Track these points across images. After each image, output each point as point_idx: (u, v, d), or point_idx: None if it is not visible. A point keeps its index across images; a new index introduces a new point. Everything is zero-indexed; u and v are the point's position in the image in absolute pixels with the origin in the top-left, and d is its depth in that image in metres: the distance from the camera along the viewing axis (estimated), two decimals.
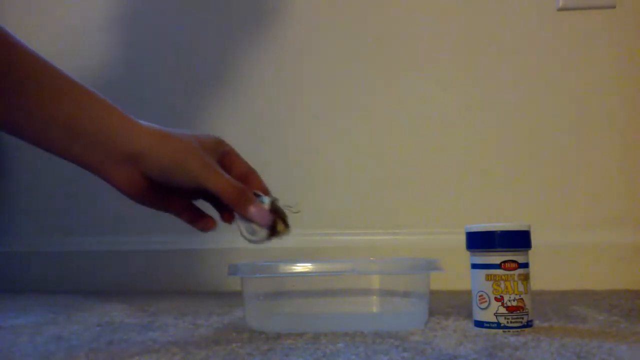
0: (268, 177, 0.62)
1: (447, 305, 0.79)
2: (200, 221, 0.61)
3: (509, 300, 0.56)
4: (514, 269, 0.57)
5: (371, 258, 1.00)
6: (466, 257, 0.61)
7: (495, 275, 0.57)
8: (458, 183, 1.14)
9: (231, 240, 1.15)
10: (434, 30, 1.17)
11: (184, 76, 1.23)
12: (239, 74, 1.21)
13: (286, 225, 0.59)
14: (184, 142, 0.55)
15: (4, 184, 1.29)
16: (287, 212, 0.60)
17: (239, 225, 0.59)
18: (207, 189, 0.56)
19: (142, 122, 0.55)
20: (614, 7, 1.12)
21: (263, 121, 1.19)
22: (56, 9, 1.28)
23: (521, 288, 0.57)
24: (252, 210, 0.57)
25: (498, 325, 0.57)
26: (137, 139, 0.53)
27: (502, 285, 0.56)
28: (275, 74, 1.20)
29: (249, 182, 0.61)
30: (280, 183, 0.66)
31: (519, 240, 0.58)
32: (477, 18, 1.16)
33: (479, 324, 0.58)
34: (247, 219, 0.58)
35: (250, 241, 0.59)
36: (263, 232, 0.58)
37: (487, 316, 0.57)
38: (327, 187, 1.17)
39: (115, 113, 0.54)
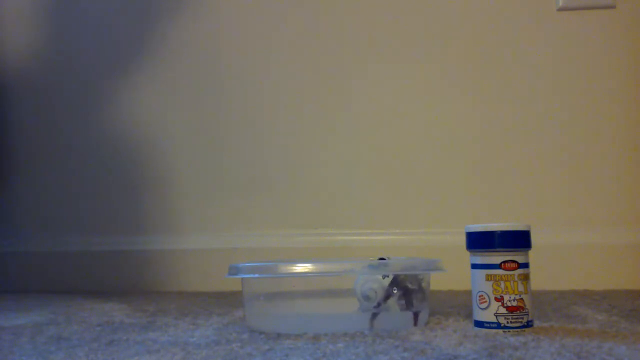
0: (268, 178, 0.62)
1: (447, 305, 0.79)
2: None
3: (509, 300, 0.56)
4: (514, 269, 0.57)
5: (371, 258, 1.00)
6: (466, 257, 0.61)
7: (495, 275, 0.57)
8: (458, 183, 1.14)
9: (231, 240, 1.16)
10: (434, 29, 1.17)
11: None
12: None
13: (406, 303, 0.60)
14: None
15: (4, 185, 1.29)
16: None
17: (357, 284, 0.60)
18: None
19: None
20: (614, 7, 1.12)
21: (263, 122, 1.20)
22: None
23: (521, 288, 0.57)
24: None
25: (498, 325, 0.57)
26: None
27: (502, 285, 0.56)
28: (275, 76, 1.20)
29: None
30: (280, 183, 0.66)
31: (519, 240, 0.58)
32: (477, 18, 1.16)
33: (479, 324, 0.58)
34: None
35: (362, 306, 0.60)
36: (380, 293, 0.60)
37: (487, 316, 0.57)
38: (327, 187, 1.17)
39: None
